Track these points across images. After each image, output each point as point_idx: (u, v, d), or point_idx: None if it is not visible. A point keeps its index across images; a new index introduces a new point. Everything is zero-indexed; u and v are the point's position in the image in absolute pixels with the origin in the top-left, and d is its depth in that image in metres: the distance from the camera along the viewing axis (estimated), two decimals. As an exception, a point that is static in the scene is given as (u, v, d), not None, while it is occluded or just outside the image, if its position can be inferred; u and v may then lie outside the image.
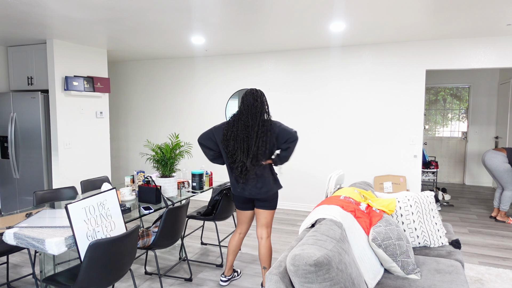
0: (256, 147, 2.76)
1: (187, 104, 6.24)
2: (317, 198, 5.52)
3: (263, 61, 5.66)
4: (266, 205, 2.93)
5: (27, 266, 3.58)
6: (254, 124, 2.78)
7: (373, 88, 5.08)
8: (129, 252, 2.34)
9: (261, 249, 2.98)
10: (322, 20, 3.78)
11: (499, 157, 4.79)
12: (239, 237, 3.12)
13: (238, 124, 2.82)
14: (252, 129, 2.78)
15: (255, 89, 2.89)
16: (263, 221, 2.97)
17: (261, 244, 2.99)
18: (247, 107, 2.82)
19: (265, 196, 2.88)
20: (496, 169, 4.80)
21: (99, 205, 2.35)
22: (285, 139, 2.78)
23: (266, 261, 2.96)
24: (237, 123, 2.83)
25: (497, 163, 4.78)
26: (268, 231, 3.00)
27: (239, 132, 2.80)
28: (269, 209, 2.95)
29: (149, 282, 3.25)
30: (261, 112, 2.83)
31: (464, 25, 3.97)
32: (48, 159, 4.79)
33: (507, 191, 4.83)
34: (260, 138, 2.76)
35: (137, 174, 3.48)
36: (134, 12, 3.49)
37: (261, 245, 2.99)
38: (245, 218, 3.08)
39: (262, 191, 2.85)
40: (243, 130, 2.79)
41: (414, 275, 2.28)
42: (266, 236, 2.98)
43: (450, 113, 7.83)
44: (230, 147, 2.82)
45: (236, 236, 3.13)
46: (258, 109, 2.82)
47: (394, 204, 2.75)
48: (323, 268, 1.62)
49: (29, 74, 4.90)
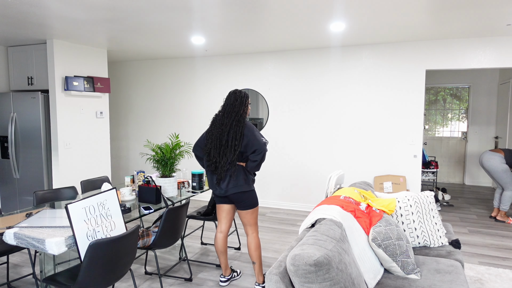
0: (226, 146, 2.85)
1: (187, 104, 6.25)
2: (317, 198, 5.52)
3: (263, 61, 5.66)
4: (242, 205, 2.97)
5: (27, 266, 3.58)
6: (228, 123, 2.87)
7: (373, 88, 5.08)
8: (129, 252, 2.34)
9: (249, 245, 3.06)
10: (322, 20, 3.78)
11: (497, 158, 4.80)
12: (220, 237, 3.12)
13: (216, 122, 2.93)
14: (225, 127, 2.87)
15: (240, 90, 2.97)
16: (244, 221, 3.05)
17: (248, 240, 3.07)
18: (226, 105, 2.94)
19: (234, 194, 2.92)
20: (494, 170, 4.80)
21: (99, 205, 2.36)
22: (253, 149, 2.83)
23: (254, 256, 3.03)
24: (215, 121, 2.95)
25: (495, 164, 4.80)
26: (254, 228, 3.06)
27: (214, 131, 2.91)
28: (246, 209, 2.99)
29: (149, 282, 3.25)
30: (237, 112, 2.89)
31: (464, 25, 3.98)
32: (48, 159, 4.79)
33: (507, 191, 4.83)
34: (231, 138, 2.83)
35: (137, 174, 3.48)
36: (134, 12, 3.49)
37: (248, 241, 3.07)
38: (222, 212, 3.10)
39: (229, 188, 2.89)
40: (218, 128, 2.90)
41: (414, 275, 2.28)
42: (251, 232, 3.05)
43: (450, 113, 7.83)
44: (208, 145, 2.93)
45: (217, 236, 3.14)
46: (235, 109, 2.89)
47: (394, 204, 2.75)
48: (323, 268, 1.63)
49: (29, 74, 4.90)
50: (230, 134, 2.84)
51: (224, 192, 2.92)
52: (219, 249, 3.14)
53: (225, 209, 3.10)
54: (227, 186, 2.90)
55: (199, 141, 3.04)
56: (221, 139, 2.88)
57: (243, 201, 2.96)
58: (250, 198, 2.98)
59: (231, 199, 2.99)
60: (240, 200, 2.95)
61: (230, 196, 2.95)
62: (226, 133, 2.85)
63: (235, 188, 2.90)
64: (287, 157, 5.62)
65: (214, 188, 3.00)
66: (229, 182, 2.90)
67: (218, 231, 3.14)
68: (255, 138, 2.83)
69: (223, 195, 2.96)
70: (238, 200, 2.96)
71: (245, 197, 2.95)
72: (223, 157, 2.87)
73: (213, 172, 2.95)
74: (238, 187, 2.90)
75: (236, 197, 2.94)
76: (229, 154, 2.85)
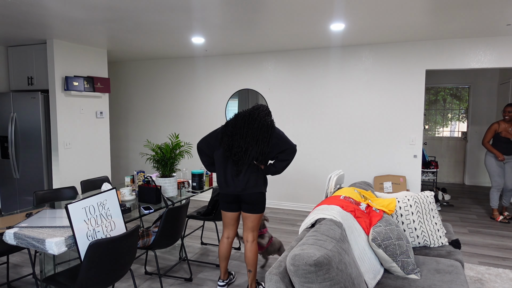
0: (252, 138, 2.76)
1: (187, 104, 6.25)
2: (317, 198, 5.52)
3: (263, 61, 5.66)
4: (253, 208, 2.86)
5: (27, 266, 3.58)
6: (255, 123, 2.78)
7: (373, 88, 5.08)
8: (129, 252, 2.34)
9: (247, 252, 2.94)
10: (322, 20, 3.78)
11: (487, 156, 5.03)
12: (227, 242, 3.03)
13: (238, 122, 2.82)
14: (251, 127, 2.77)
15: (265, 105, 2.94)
16: (249, 225, 2.92)
17: (247, 247, 2.95)
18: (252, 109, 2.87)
19: (250, 194, 2.80)
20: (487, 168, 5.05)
21: (99, 205, 2.36)
22: (283, 149, 2.78)
23: (251, 264, 2.92)
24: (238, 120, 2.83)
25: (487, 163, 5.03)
26: (254, 234, 2.95)
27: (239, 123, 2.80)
28: (255, 213, 2.88)
29: (149, 282, 3.25)
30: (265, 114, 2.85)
31: (464, 25, 3.97)
32: (48, 159, 4.79)
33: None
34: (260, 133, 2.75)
35: (137, 174, 3.48)
36: (134, 12, 3.49)
37: (247, 248, 2.95)
38: (230, 220, 2.99)
39: (248, 186, 2.78)
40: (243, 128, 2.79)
41: (414, 275, 2.28)
42: (252, 240, 2.94)
43: (450, 113, 7.83)
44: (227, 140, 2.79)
45: (224, 241, 3.03)
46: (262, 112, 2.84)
47: (394, 204, 2.75)
48: (323, 268, 1.63)
49: (29, 74, 4.90)
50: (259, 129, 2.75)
51: (242, 189, 2.79)
52: (224, 254, 3.03)
53: (232, 216, 2.97)
54: (247, 184, 2.78)
55: (211, 135, 2.88)
56: (247, 132, 2.76)
57: (258, 204, 2.85)
58: (262, 201, 2.88)
59: (245, 199, 2.84)
60: (256, 202, 2.83)
61: (246, 195, 2.81)
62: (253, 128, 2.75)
63: (255, 188, 2.79)
64: (287, 157, 5.62)
65: (227, 185, 2.83)
66: (249, 179, 2.77)
67: (225, 236, 3.02)
68: (285, 139, 2.79)
69: (239, 193, 2.81)
70: (254, 202, 2.83)
71: (261, 200, 2.85)
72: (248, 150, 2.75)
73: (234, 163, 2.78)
74: (258, 187, 2.80)
75: (253, 198, 2.82)
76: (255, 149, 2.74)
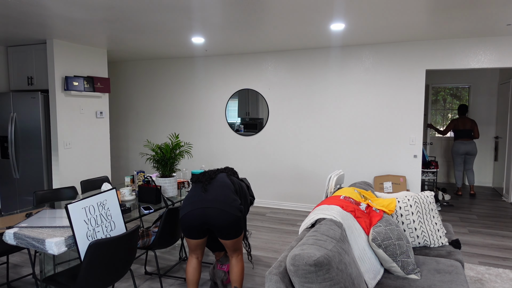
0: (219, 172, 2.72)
1: (187, 104, 6.25)
2: (317, 198, 5.52)
3: (263, 61, 5.66)
4: (231, 232, 2.45)
5: (27, 266, 3.58)
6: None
7: (373, 88, 5.08)
8: (129, 252, 2.34)
9: (233, 268, 2.63)
10: (322, 20, 3.78)
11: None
12: (197, 262, 2.62)
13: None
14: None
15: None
16: (231, 249, 2.58)
17: (232, 262, 2.64)
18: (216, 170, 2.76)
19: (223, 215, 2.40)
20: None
21: (99, 205, 2.35)
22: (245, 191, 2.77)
23: (237, 281, 2.63)
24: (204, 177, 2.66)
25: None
26: (239, 252, 2.63)
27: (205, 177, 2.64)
28: (235, 238, 2.51)
29: (149, 282, 3.25)
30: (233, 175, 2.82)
31: (464, 25, 3.97)
32: (48, 159, 4.79)
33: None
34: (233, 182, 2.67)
35: (137, 174, 3.48)
36: (134, 12, 3.49)
37: (232, 263, 2.64)
38: (196, 244, 2.57)
39: (217, 203, 2.41)
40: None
41: (414, 275, 2.28)
42: (236, 255, 2.63)
43: (450, 113, 7.83)
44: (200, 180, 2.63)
45: (193, 261, 2.61)
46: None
47: (394, 204, 2.75)
48: (323, 268, 1.62)
49: (29, 74, 4.90)
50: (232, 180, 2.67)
51: (212, 204, 2.40)
52: (194, 279, 2.59)
53: (198, 243, 2.56)
54: (216, 200, 2.41)
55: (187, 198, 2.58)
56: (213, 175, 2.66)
57: (235, 227, 2.43)
58: (240, 224, 2.49)
59: (212, 222, 2.40)
60: (232, 225, 2.41)
61: (212, 217, 2.38)
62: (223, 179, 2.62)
63: (228, 207, 2.40)
64: (287, 157, 5.62)
65: (192, 203, 2.44)
66: (219, 194, 2.44)
67: (194, 256, 2.60)
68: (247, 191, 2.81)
69: (204, 213, 2.39)
70: (227, 226, 2.40)
71: (236, 222, 2.43)
72: (216, 172, 2.68)
73: (205, 180, 2.55)
74: (231, 207, 2.41)
75: (225, 222, 2.39)
76: (223, 172, 2.69)
